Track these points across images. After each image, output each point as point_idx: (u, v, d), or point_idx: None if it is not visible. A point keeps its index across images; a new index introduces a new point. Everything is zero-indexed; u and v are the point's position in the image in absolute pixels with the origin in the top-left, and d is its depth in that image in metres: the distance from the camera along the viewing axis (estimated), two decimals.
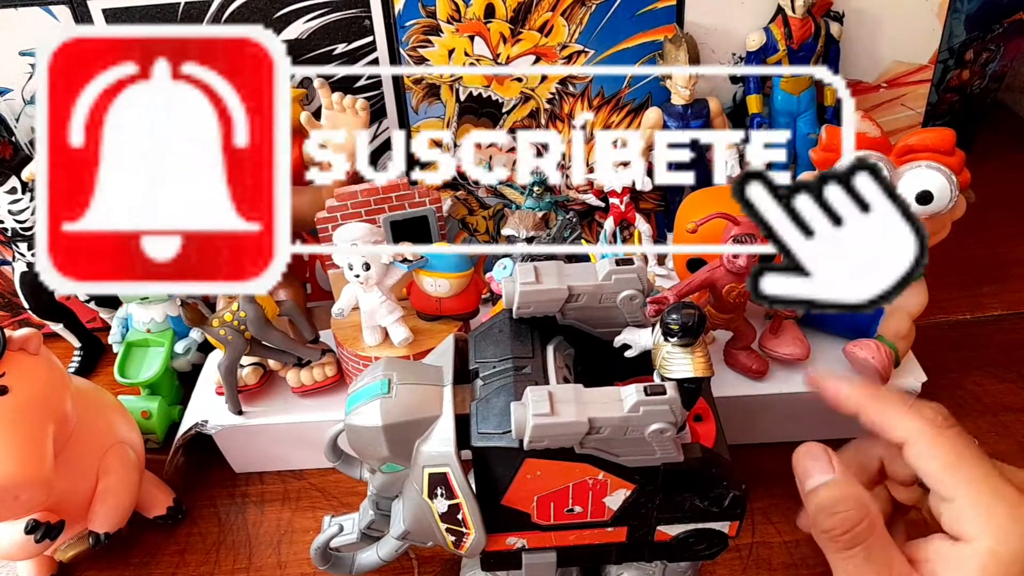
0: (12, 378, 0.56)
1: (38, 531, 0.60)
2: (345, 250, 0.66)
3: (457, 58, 0.76)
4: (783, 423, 0.72)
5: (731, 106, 0.82)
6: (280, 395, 0.74)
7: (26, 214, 0.76)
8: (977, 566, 0.45)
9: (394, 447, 0.47)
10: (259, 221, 0.37)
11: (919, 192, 0.61)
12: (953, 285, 0.90)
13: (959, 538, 0.46)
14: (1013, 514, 0.45)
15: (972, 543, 0.45)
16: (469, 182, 0.84)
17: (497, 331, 0.51)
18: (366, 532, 0.57)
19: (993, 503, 0.46)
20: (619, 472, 0.45)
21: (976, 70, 1.00)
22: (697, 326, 0.45)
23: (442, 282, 0.67)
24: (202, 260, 0.36)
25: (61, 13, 0.72)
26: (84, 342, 0.89)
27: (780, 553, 0.66)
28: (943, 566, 0.46)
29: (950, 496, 0.47)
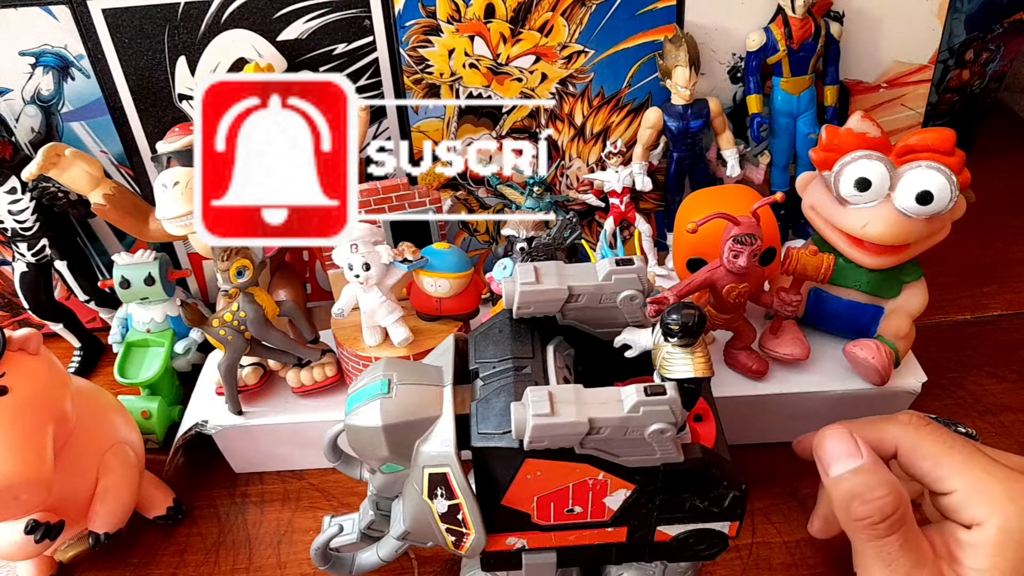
0: (12, 378, 0.56)
1: (38, 531, 0.60)
2: (345, 250, 0.66)
3: (457, 58, 0.76)
4: (783, 423, 0.72)
5: (731, 106, 0.82)
6: (280, 395, 0.74)
7: (26, 214, 0.76)
8: (991, 547, 0.46)
9: (394, 447, 0.47)
10: (337, 199, 0.55)
11: (919, 192, 0.61)
12: (953, 285, 0.90)
13: (968, 525, 0.47)
14: (1010, 492, 0.46)
15: (982, 526, 0.46)
16: (469, 182, 0.84)
17: (497, 331, 0.51)
18: (366, 532, 0.57)
19: (989, 484, 0.47)
20: (619, 472, 0.45)
21: (976, 70, 1.00)
22: (697, 326, 0.45)
23: (442, 282, 0.67)
24: (301, 224, 0.55)
25: (61, 13, 0.72)
26: (84, 342, 0.89)
27: (780, 553, 0.66)
28: (961, 551, 0.47)
29: (948, 488, 0.49)
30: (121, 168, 0.82)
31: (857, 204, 0.64)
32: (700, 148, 0.80)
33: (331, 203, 0.55)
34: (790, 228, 0.88)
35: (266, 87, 0.54)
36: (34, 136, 0.79)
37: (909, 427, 0.51)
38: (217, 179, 0.54)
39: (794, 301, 0.66)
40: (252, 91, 0.54)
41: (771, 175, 0.83)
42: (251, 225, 0.55)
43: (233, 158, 0.54)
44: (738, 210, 0.60)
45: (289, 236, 0.55)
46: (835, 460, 0.50)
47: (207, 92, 0.54)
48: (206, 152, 0.54)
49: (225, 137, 0.54)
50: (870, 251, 0.66)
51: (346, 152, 0.54)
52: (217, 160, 0.54)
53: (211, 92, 0.54)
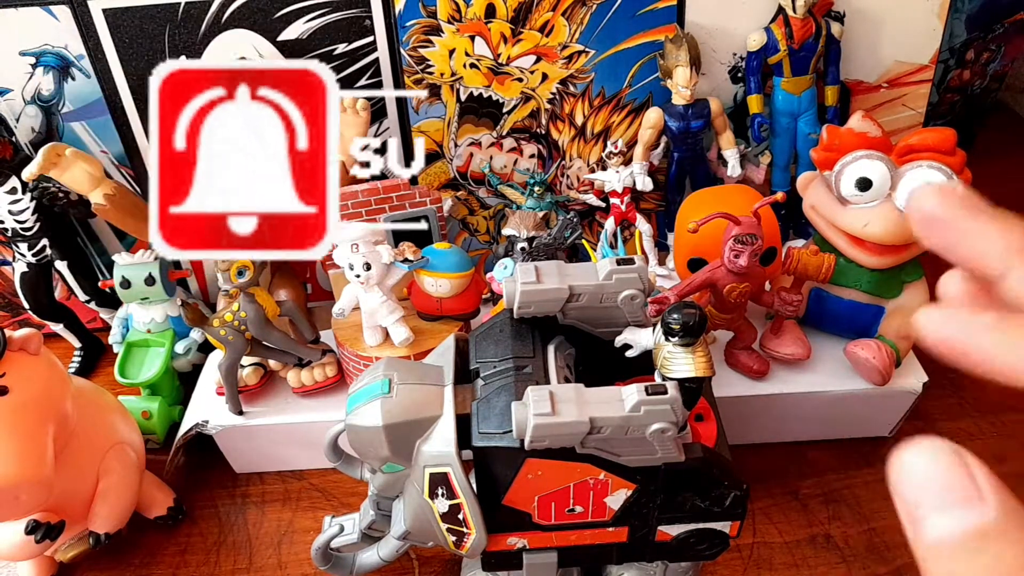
0: (12, 378, 0.56)
1: (38, 531, 0.60)
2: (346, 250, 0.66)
3: (458, 58, 0.76)
4: (784, 423, 0.72)
5: (732, 106, 0.82)
6: (281, 395, 0.74)
7: (26, 214, 0.76)
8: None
9: (395, 447, 0.47)
10: (315, 205, 0.48)
11: None
12: None
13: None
14: None
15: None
16: (470, 182, 0.84)
17: (498, 331, 0.51)
18: (367, 532, 0.57)
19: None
20: (620, 472, 0.45)
21: (977, 70, 1.00)
22: (698, 326, 0.45)
23: (443, 282, 0.67)
24: (273, 234, 0.48)
25: (61, 13, 0.72)
26: (84, 342, 0.89)
27: (781, 553, 0.66)
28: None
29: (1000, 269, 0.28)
30: (121, 168, 0.82)
31: (858, 204, 0.64)
32: (701, 148, 0.80)
33: (308, 210, 0.48)
34: (791, 228, 0.87)
35: (233, 76, 0.47)
36: (34, 136, 0.79)
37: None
38: (176, 182, 0.47)
39: (795, 301, 0.65)
40: (217, 80, 0.47)
41: (772, 175, 0.83)
42: (215, 235, 0.48)
43: (194, 158, 0.47)
44: (739, 210, 0.60)
45: (259, 248, 0.48)
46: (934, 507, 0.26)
47: (165, 81, 0.47)
48: (163, 151, 0.47)
49: (185, 133, 0.47)
50: (871, 251, 0.65)
51: (325, 151, 0.48)
52: (176, 160, 0.47)
53: (169, 81, 0.47)
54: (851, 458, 0.73)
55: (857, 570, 0.64)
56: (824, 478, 0.71)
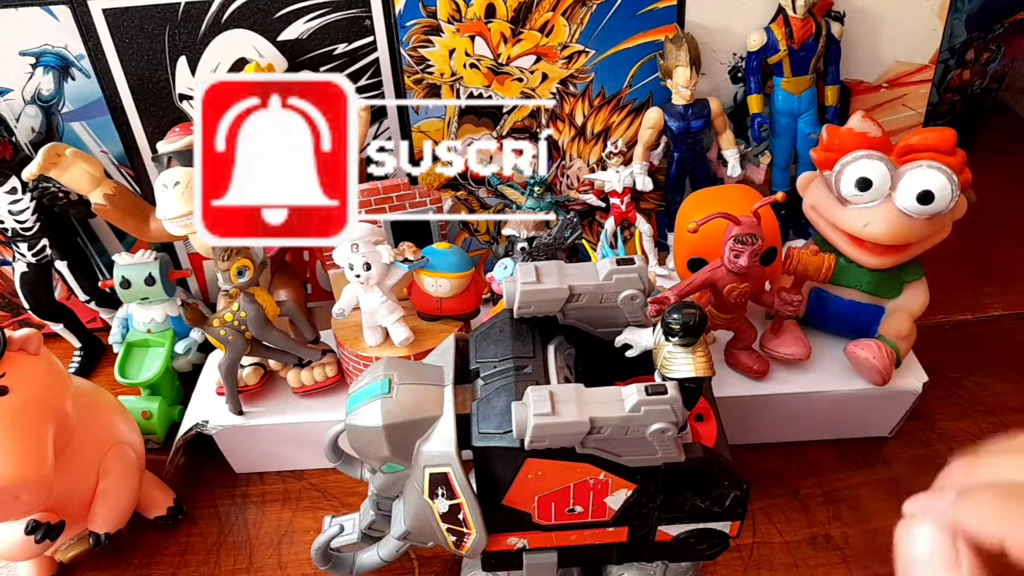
0: (12, 378, 0.56)
1: (38, 532, 0.60)
2: (345, 250, 0.66)
3: (458, 58, 0.76)
4: (784, 423, 0.72)
5: (732, 106, 0.82)
6: (280, 395, 0.74)
7: (26, 214, 0.76)
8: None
9: (395, 447, 0.47)
10: (337, 199, 0.55)
11: (920, 192, 0.61)
12: (954, 285, 0.90)
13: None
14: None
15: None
16: (470, 182, 0.84)
17: (498, 331, 0.51)
18: (367, 532, 0.57)
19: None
20: (620, 472, 0.45)
21: (977, 70, 1.00)
22: (698, 326, 0.45)
23: (443, 282, 0.67)
24: (301, 224, 0.55)
25: (61, 13, 0.72)
26: (84, 342, 0.89)
27: (781, 553, 0.66)
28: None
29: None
30: (121, 168, 0.82)
31: (858, 204, 0.64)
32: (701, 148, 0.80)
33: (331, 203, 0.55)
34: (791, 228, 0.87)
35: (266, 87, 0.54)
36: (34, 136, 0.78)
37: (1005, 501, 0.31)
38: (217, 179, 0.54)
39: (795, 301, 0.65)
40: (252, 91, 0.54)
41: (772, 175, 0.83)
42: (251, 225, 0.55)
43: (233, 158, 0.54)
44: (739, 210, 0.60)
45: (289, 236, 0.56)
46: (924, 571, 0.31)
47: (207, 92, 0.54)
48: (206, 152, 0.54)
49: (225, 137, 0.54)
50: (871, 251, 0.65)
51: (346, 152, 0.54)
52: (217, 160, 0.54)
53: (211, 92, 0.54)
54: (851, 458, 0.73)
55: (857, 570, 0.64)
56: (824, 478, 0.71)
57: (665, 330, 0.46)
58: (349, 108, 0.54)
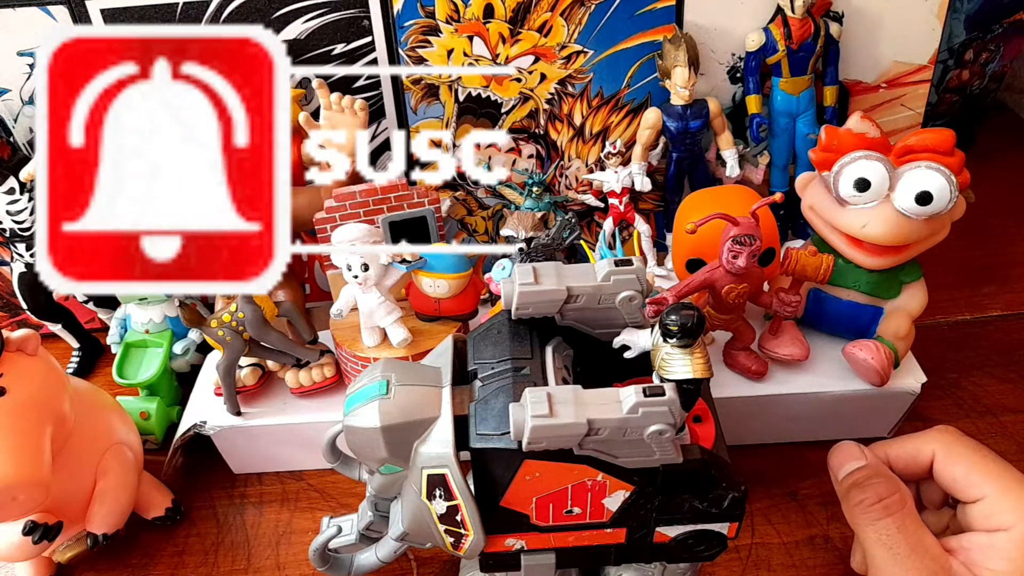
0: (10, 379, 0.56)
1: (36, 532, 0.60)
2: (344, 251, 0.66)
3: (456, 58, 0.76)
4: (782, 424, 0.72)
5: (731, 106, 0.82)
6: (279, 396, 0.73)
7: (24, 215, 0.76)
8: (1015, 550, 0.47)
9: (392, 448, 0.47)
10: (259, 221, 0.37)
11: (919, 192, 0.61)
12: (953, 285, 0.90)
13: (995, 530, 0.48)
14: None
15: (1009, 530, 0.48)
16: (468, 182, 0.84)
17: (496, 332, 0.51)
18: (365, 533, 0.57)
19: (1021, 492, 0.48)
20: (618, 473, 0.45)
21: (976, 70, 1.00)
22: (696, 327, 0.45)
23: (441, 283, 0.67)
24: (202, 260, 0.37)
25: (59, 13, 0.72)
26: (82, 343, 0.89)
27: (779, 554, 0.66)
28: (981, 554, 0.49)
29: (979, 495, 0.50)
30: None
31: (856, 204, 0.64)
32: (699, 148, 0.80)
33: (249, 227, 0.37)
34: (789, 228, 0.87)
35: (148, 46, 0.35)
36: (32, 136, 0.78)
37: (946, 434, 0.54)
38: (70, 190, 0.36)
39: (793, 302, 0.65)
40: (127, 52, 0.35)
41: (770, 175, 0.83)
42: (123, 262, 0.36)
43: (96, 158, 0.36)
44: (737, 210, 0.60)
45: (182, 279, 0.37)
46: (841, 465, 0.55)
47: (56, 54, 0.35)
48: (53, 148, 0.36)
49: (83, 125, 0.35)
50: (869, 251, 0.65)
51: (272, 148, 0.36)
52: (71, 161, 0.36)
53: (62, 54, 0.35)
54: None
55: (856, 571, 0.64)
56: (823, 479, 0.71)
57: (663, 331, 0.46)
58: (277, 80, 0.36)
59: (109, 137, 0.36)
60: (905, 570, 0.49)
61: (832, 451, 0.57)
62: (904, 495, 0.52)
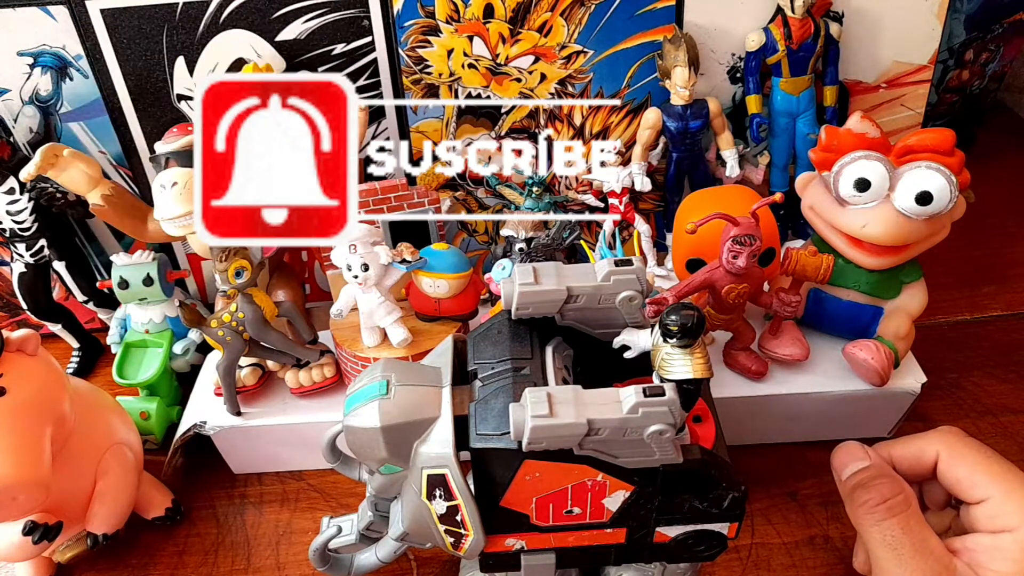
0: (10, 379, 0.56)
1: (36, 532, 0.60)
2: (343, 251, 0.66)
3: (456, 58, 0.76)
4: (782, 424, 0.72)
5: (730, 106, 0.82)
6: (279, 396, 0.73)
7: (24, 215, 0.76)
8: (1020, 550, 0.47)
9: (392, 448, 0.47)
10: (337, 199, 0.55)
11: (919, 192, 0.61)
12: (953, 285, 0.90)
13: (999, 531, 0.48)
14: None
15: (1014, 532, 0.48)
16: (468, 182, 0.84)
17: (496, 332, 0.51)
18: (365, 533, 0.57)
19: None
20: (618, 473, 0.45)
21: (976, 70, 1.00)
22: (696, 327, 0.45)
23: (441, 283, 0.67)
24: (301, 224, 0.55)
25: (59, 13, 0.72)
26: (82, 343, 0.89)
27: (779, 554, 0.66)
28: (985, 555, 0.49)
29: (983, 496, 0.50)
30: (120, 168, 0.82)
31: (856, 204, 0.64)
32: (699, 148, 0.80)
33: (331, 203, 0.55)
34: (789, 228, 0.87)
35: (266, 87, 0.55)
36: (32, 136, 0.78)
37: (950, 435, 0.54)
38: (217, 179, 0.55)
39: (793, 302, 0.65)
40: (252, 91, 0.55)
41: (770, 175, 0.83)
42: (251, 225, 0.55)
43: (233, 158, 0.55)
44: (737, 210, 0.60)
45: (289, 236, 0.56)
46: (845, 466, 0.55)
47: (207, 92, 0.54)
48: (206, 152, 0.55)
49: (225, 137, 0.54)
50: (869, 251, 0.65)
51: (346, 152, 0.55)
52: (217, 160, 0.55)
53: (211, 92, 0.54)
54: None
55: (856, 571, 0.64)
56: (823, 479, 0.71)
57: (663, 331, 0.46)
58: (349, 108, 0.54)
59: (241, 145, 0.55)
60: (909, 571, 0.49)
61: (835, 451, 0.56)
62: (908, 496, 0.52)
